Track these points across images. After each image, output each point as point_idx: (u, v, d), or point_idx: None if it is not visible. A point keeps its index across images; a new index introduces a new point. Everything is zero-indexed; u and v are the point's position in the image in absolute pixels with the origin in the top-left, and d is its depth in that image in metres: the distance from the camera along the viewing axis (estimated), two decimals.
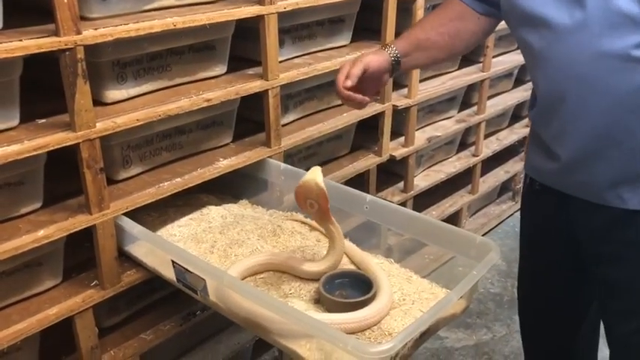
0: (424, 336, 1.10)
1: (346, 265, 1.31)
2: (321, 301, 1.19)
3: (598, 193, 1.08)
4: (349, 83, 1.17)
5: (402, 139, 2.12)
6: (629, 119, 0.99)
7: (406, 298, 1.19)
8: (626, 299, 1.15)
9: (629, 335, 1.17)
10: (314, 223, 1.44)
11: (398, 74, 1.30)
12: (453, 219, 2.48)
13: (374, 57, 1.21)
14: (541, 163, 1.17)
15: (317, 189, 1.16)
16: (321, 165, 1.86)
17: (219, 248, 1.34)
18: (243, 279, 1.24)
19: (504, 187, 2.90)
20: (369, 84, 1.23)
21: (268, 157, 1.57)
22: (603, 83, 0.98)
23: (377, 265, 1.27)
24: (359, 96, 1.20)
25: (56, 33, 1.09)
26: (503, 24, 2.31)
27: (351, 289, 1.20)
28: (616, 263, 1.13)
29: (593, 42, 0.96)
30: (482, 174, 2.63)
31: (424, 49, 1.25)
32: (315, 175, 1.16)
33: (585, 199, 1.11)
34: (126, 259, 1.35)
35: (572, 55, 0.99)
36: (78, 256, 1.35)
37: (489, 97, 2.51)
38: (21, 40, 1.06)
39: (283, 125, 1.64)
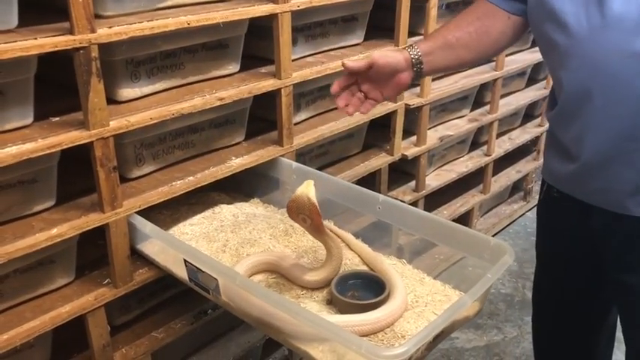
0: (437, 339, 1.09)
1: (359, 266, 1.30)
2: (333, 303, 1.18)
3: (619, 202, 1.05)
4: (336, 87, 1.17)
5: (413, 138, 2.11)
6: None
7: (419, 300, 1.19)
8: None
9: None
10: (325, 223, 1.43)
11: (422, 78, 1.25)
12: (464, 218, 2.47)
13: (385, 53, 1.18)
14: (559, 168, 1.14)
15: (309, 204, 1.14)
16: (332, 164, 1.87)
17: (231, 247, 1.34)
18: (248, 276, 1.24)
19: (516, 187, 2.89)
20: (381, 84, 1.20)
21: (280, 155, 1.57)
22: (632, 83, 0.95)
23: (390, 267, 1.26)
24: (341, 101, 1.19)
25: (71, 31, 1.09)
26: None
27: (363, 290, 1.19)
28: (639, 271, 1.11)
29: (625, 41, 0.94)
30: (494, 173, 2.61)
31: (450, 47, 1.20)
32: (307, 189, 1.14)
33: (606, 208, 1.08)
34: (138, 257, 1.35)
35: (602, 53, 0.96)
36: (90, 254, 1.35)
37: (502, 97, 2.49)
38: (36, 39, 1.06)
39: (295, 124, 1.64)
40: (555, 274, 1.31)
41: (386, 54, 1.18)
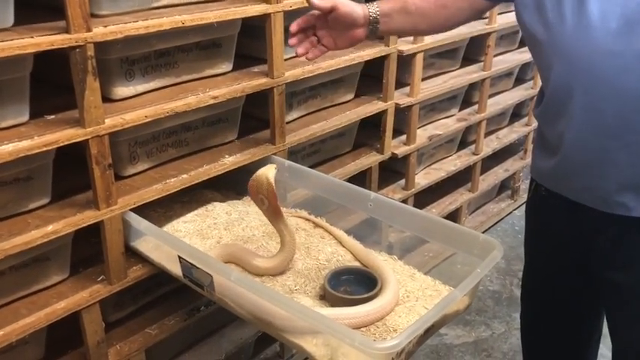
0: (428, 332, 1.11)
1: (351, 262, 1.32)
2: (326, 298, 1.20)
3: (604, 200, 1.07)
4: (295, 27, 1.20)
5: (403, 137, 2.14)
6: (638, 120, 0.98)
7: (410, 295, 1.21)
8: (635, 305, 1.15)
9: (635, 342, 1.17)
10: (318, 220, 1.46)
11: (375, 37, 1.28)
12: (453, 216, 2.50)
13: (348, 2, 1.20)
14: (545, 164, 1.15)
15: (267, 184, 1.17)
16: (323, 162, 1.89)
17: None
18: None
19: (503, 186, 2.93)
20: (337, 33, 1.23)
21: (273, 154, 1.59)
22: (613, 82, 0.97)
23: (383, 262, 1.28)
24: (301, 49, 1.22)
25: (67, 30, 1.10)
26: (505, 23, 2.31)
27: (355, 285, 1.22)
28: (627, 269, 1.12)
29: (605, 40, 0.95)
30: (482, 172, 2.65)
31: (407, 13, 1.23)
32: (268, 170, 1.18)
33: (592, 206, 1.09)
34: (132, 254, 1.36)
35: (582, 51, 0.98)
36: (84, 251, 1.36)
37: (490, 96, 2.53)
38: (32, 37, 1.07)
39: (287, 123, 1.65)
40: (542, 272, 1.33)
41: (349, 3, 1.21)
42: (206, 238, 1.39)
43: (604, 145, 1.02)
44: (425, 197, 2.35)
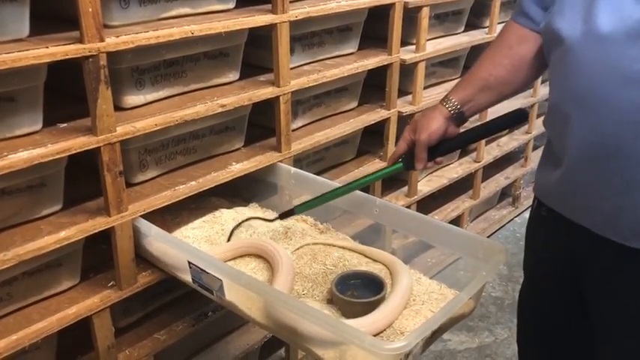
0: (435, 335, 1.13)
1: (358, 266, 1.34)
2: (333, 301, 1.22)
3: (602, 223, 1.03)
4: (420, 167, 1.21)
5: None
6: (632, 139, 0.93)
7: (416, 298, 1.23)
8: (623, 343, 1.11)
9: None
10: (323, 238, 1.47)
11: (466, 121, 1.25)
12: (455, 223, 2.51)
13: (432, 127, 1.18)
14: (550, 178, 1.11)
15: None
16: (328, 170, 1.92)
17: None
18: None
19: (504, 193, 2.95)
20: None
21: (279, 161, 1.61)
22: (609, 97, 0.94)
23: (403, 266, 1.29)
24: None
25: (81, 40, 1.13)
26: None
27: (362, 290, 1.23)
28: (616, 302, 1.08)
29: (607, 54, 0.93)
30: (484, 180, 2.67)
31: (488, 88, 1.18)
32: None
33: (590, 228, 1.06)
34: (141, 260, 1.38)
35: (584, 64, 0.96)
36: (93, 258, 1.38)
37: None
38: (47, 47, 1.10)
39: (292, 130, 1.68)
40: (539, 290, 1.29)
41: (432, 128, 1.18)
42: (214, 244, 1.41)
43: (599, 165, 0.98)
44: (427, 204, 2.37)
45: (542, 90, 2.81)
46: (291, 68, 1.60)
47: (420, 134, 1.20)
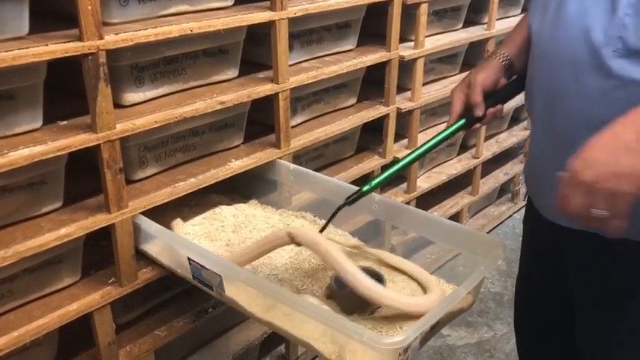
0: (434, 329, 1.14)
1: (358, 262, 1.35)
2: (332, 297, 1.23)
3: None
4: (480, 113, 1.20)
5: (405, 141, 2.17)
6: (582, 128, 0.92)
7: (415, 293, 1.24)
8: (603, 338, 1.13)
9: None
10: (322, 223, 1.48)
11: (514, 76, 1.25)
12: (454, 219, 2.51)
13: (487, 70, 1.18)
14: (527, 168, 1.17)
15: None
16: (327, 166, 1.92)
17: (234, 246, 1.38)
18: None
19: (503, 189, 2.95)
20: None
21: (278, 158, 1.62)
22: (570, 89, 0.97)
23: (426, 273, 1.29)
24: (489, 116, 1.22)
25: (80, 38, 1.13)
26: (503, 28, 2.33)
27: None
28: (594, 296, 1.11)
29: (570, 48, 0.95)
30: (483, 176, 2.68)
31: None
32: None
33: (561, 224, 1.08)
34: (141, 256, 1.39)
35: (547, 58, 1.00)
36: (94, 254, 1.39)
37: None
38: (47, 45, 1.10)
39: (291, 127, 1.68)
40: (530, 279, 1.32)
41: (487, 77, 1.18)
42: (214, 240, 1.42)
43: (553, 154, 1.00)
44: (426, 200, 2.37)
45: None
46: (290, 65, 1.61)
47: (475, 76, 1.19)
